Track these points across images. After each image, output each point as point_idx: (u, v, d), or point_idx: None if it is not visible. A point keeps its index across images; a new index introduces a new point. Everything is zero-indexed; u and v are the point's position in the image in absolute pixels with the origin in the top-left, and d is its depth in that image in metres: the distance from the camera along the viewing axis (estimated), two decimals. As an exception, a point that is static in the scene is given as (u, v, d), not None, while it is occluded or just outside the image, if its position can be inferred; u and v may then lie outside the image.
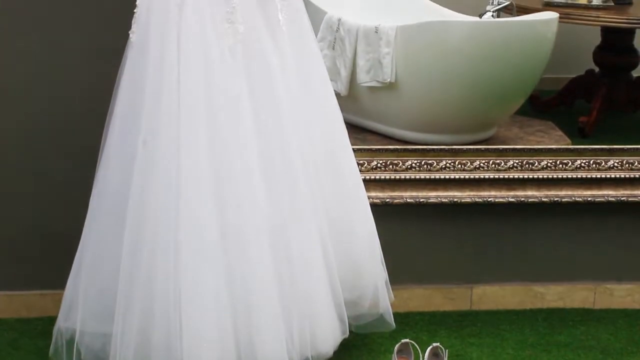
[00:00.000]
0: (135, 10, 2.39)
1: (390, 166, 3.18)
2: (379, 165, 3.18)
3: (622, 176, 3.24)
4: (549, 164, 3.22)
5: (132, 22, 2.40)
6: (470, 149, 3.23)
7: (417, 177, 3.18)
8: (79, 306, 2.49)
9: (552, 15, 3.36)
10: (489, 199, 3.21)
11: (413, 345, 2.85)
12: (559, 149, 3.27)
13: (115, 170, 2.40)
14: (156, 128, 2.30)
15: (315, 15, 3.35)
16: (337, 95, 2.77)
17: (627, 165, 3.24)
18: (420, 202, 3.19)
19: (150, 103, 2.32)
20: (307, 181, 2.43)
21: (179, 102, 2.30)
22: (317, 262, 2.41)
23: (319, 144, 2.52)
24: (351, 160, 2.68)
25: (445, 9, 3.62)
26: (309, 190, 2.43)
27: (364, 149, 3.19)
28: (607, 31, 4.03)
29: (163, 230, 2.30)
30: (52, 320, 2.70)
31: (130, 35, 2.40)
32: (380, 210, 2.87)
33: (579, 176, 3.23)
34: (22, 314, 3.16)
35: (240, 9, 2.39)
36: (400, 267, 3.06)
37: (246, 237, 2.29)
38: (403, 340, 2.85)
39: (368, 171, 3.15)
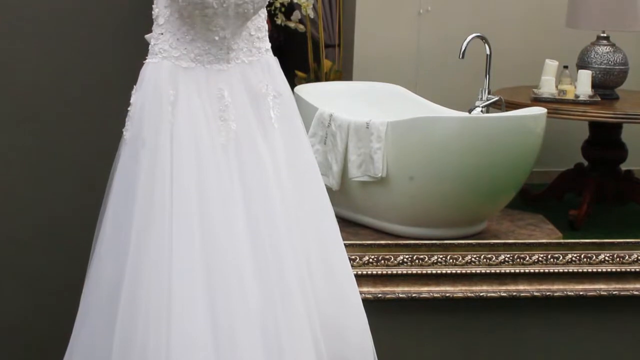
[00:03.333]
0: (129, 108, 2.41)
1: (382, 261, 3.18)
2: (370, 260, 3.18)
3: (614, 270, 3.24)
4: (540, 258, 3.23)
5: (126, 119, 2.43)
6: (461, 243, 3.24)
7: (409, 272, 3.18)
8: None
9: (540, 110, 3.40)
10: (481, 294, 3.20)
11: None
12: (550, 243, 3.28)
13: (106, 269, 2.38)
14: (148, 226, 2.30)
15: (306, 110, 3.39)
16: (329, 189, 2.79)
17: (618, 259, 3.25)
18: (412, 297, 3.18)
19: (143, 200, 2.32)
20: (300, 280, 2.42)
21: (171, 200, 2.30)
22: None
23: (311, 241, 2.52)
24: (343, 255, 2.67)
25: (435, 105, 3.66)
26: (301, 289, 2.42)
27: (356, 244, 3.19)
28: (594, 126, 4.09)
29: (154, 330, 2.28)
30: None
31: (124, 132, 2.42)
32: (372, 306, 2.85)
33: (570, 270, 3.23)
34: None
35: (232, 107, 2.42)
36: (393, 363, 3.04)
37: (238, 342, 2.28)
38: None
39: (360, 266, 3.15)
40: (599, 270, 3.24)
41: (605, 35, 4.12)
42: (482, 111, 3.67)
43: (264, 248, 2.37)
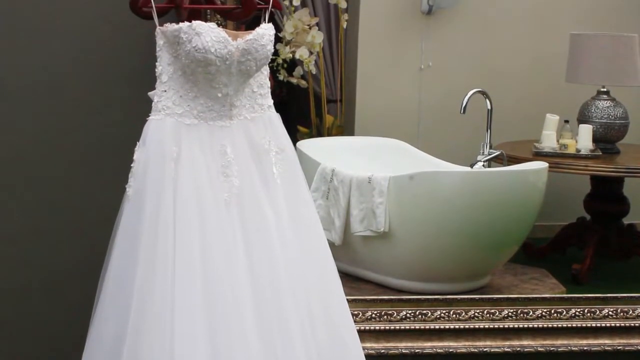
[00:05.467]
0: (132, 165, 2.42)
1: (385, 316, 3.17)
2: (373, 315, 3.17)
3: (618, 325, 3.23)
4: (543, 313, 3.22)
5: (129, 175, 2.44)
6: (464, 298, 3.23)
7: (412, 327, 3.17)
8: None
9: (542, 164, 3.41)
10: (485, 349, 3.18)
11: None
12: (553, 298, 3.27)
13: (108, 324, 2.38)
14: (151, 282, 2.30)
15: (309, 165, 3.40)
16: (331, 244, 2.78)
17: (622, 313, 3.23)
18: (415, 352, 3.16)
19: (145, 257, 2.32)
20: (301, 332, 2.42)
21: (174, 256, 2.30)
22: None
23: (314, 296, 2.51)
24: (345, 309, 2.67)
25: (437, 159, 3.67)
26: (302, 340, 2.42)
27: (358, 299, 3.18)
28: (596, 179, 4.09)
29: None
30: None
31: (127, 189, 2.43)
32: (375, 362, 2.85)
33: (574, 325, 3.22)
34: None
35: (235, 163, 2.44)
36: (397, 420, 3.01)
37: None
38: None
39: (363, 322, 3.14)
40: (603, 325, 3.23)
41: (605, 89, 4.14)
42: (483, 166, 3.68)
43: (266, 302, 2.37)
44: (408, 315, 3.18)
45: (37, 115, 3.03)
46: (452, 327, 3.18)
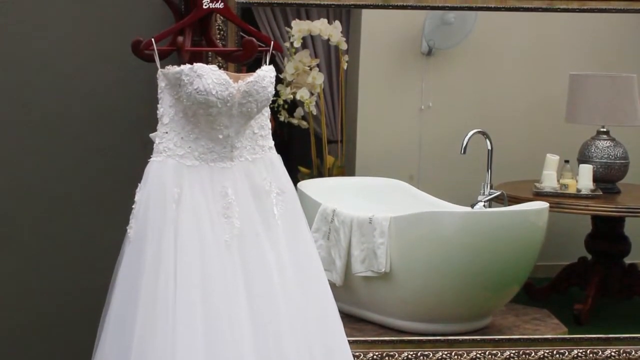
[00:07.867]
0: (133, 206, 2.42)
1: (387, 357, 3.16)
2: (375, 357, 3.16)
3: (620, 366, 3.22)
4: (545, 354, 3.20)
5: (130, 216, 2.44)
6: (466, 339, 3.22)
7: (414, 368, 3.16)
8: None
9: (542, 204, 3.42)
10: (487, 390, 3.17)
11: None
12: (555, 338, 3.26)
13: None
14: (151, 325, 2.29)
15: (310, 206, 3.41)
16: (332, 285, 2.78)
17: (624, 354, 3.22)
18: (417, 394, 3.15)
19: (146, 299, 2.32)
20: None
21: (175, 299, 2.30)
22: None
23: (315, 337, 2.51)
24: (347, 351, 2.66)
25: (438, 200, 3.68)
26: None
27: (360, 340, 3.17)
28: (597, 219, 4.09)
29: None
30: None
31: (128, 230, 2.43)
32: (377, 404, 2.83)
33: (576, 366, 3.21)
34: None
35: (236, 204, 2.44)
36: None
37: None
38: None
39: (364, 363, 3.13)
40: (606, 365, 3.22)
41: (605, 129, 4.16)
42: (484, 206, 3.69)
43: (267, 344, 2.36)
44: (410, 356, 3.17)
45: (37, 155, 3.04)
46: (454, 368, 3.17)
